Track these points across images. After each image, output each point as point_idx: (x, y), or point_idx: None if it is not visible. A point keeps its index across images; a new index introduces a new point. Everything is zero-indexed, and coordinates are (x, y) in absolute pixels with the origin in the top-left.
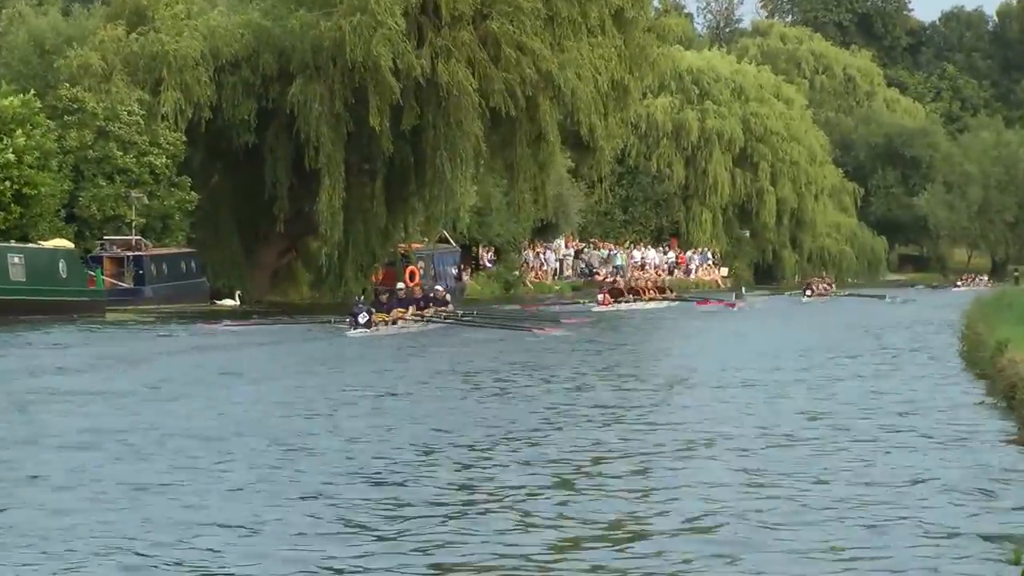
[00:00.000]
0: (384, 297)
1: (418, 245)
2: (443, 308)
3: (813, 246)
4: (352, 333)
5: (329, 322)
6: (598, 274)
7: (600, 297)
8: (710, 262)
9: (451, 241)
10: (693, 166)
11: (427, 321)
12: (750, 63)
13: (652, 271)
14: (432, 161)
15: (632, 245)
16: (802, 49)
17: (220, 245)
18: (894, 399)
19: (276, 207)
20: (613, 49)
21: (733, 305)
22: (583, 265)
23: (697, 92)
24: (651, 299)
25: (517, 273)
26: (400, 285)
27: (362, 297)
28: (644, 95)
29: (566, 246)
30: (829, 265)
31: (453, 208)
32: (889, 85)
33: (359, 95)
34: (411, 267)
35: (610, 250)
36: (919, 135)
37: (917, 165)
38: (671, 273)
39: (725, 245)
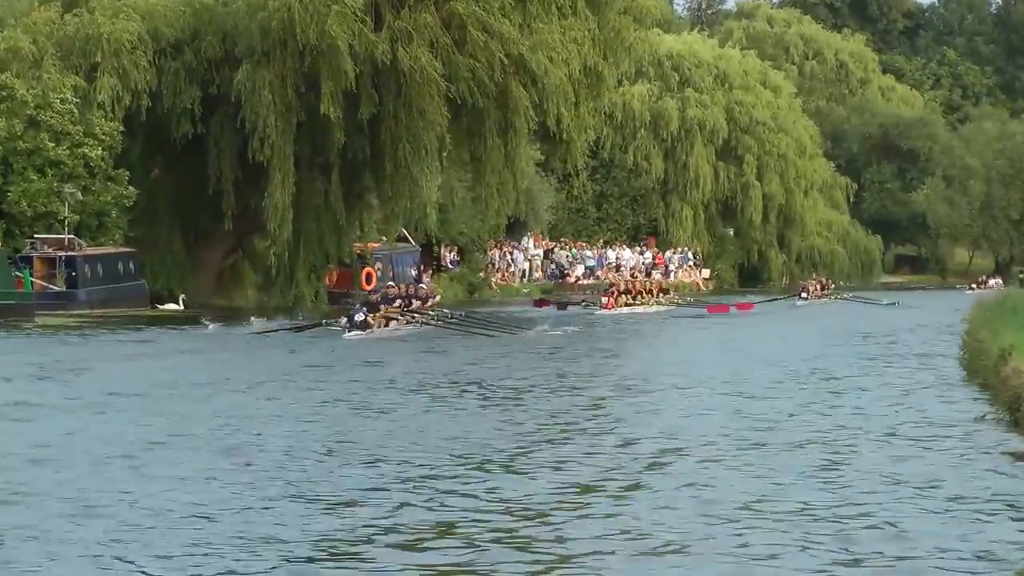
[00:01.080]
0: (375, 297)
1: (375, 245)
2: (430, 306)
3: (802, 246)
4: (348, 336)
5: (320, 323)
6: (569, 276)
7: (604, 300)
8: (691, 263)
9: (411, 240)
10: (672, 159)
11: (421, 323)
12: (734, 47)
13: (627, 272)
14: (392, 153)
15: (606, 244)
16: (791, 33)
17: (160, 244)
18: (887, 414)
19: (221, 203)
20: (586, 32)
21: (750, 306)
22: (553, 266)
23: (677, 79)
24: (655, 302)
25: (482, 275)
26: (393, 287)
27: (356, 303)
28: (619, 82)
29: (535, 245)
30: (819, 266)
31: (417, 204)
32: (884, 72)
33: (311, 81)
34: (368, 268)
35: (580, 249)
36: (917, 126)
37: (915, 158)
38: (648, 275)
39: (707, 244)
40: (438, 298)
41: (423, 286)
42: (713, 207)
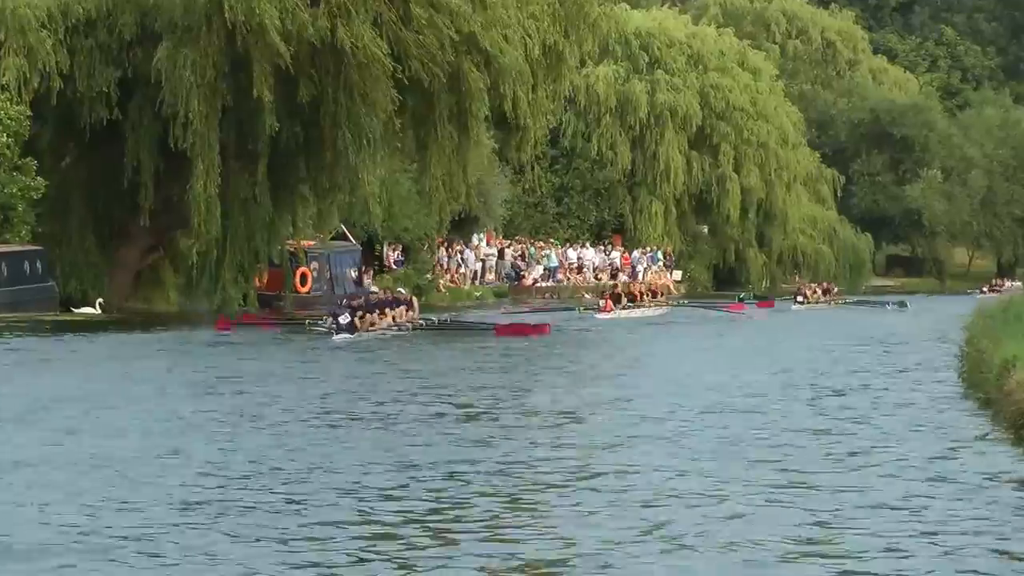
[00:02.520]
0: (357, 302)
1: (310, 243)
2: (412, 313)
3: (784, 245)
4: (338, 338)
5: (304, 324)
6: (525, 277)
7: (601, 303)
8: (661, 264)
9: (350, 237)
10: (641, 148)
11: (409, 328)
12: (709, 25)
13: (590, 274)
14: (329, 141)
15: (567, 243)
16: (772, 8)
17: (72, 242)
18: (876, 434)
19: (139, 196)
20: (545, 8)
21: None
22: (508, 267)
23: (646, 60)
24: (652, 304)
25: (429, 276)
26: (377, 292)
27: (342, 305)
28: (582, 63)
29: (488, 244)
30: (803, 267)
31: (357, 197)
32: (876, 52)
33: (240, 62)
34: (302, 268)
35: (538, 248)
36: (911, 112)
37: (909, 148)
38: (614, 277)
39: (679, 243)
40: (416, 309)
41: (401, 291)
42: (685, 202)
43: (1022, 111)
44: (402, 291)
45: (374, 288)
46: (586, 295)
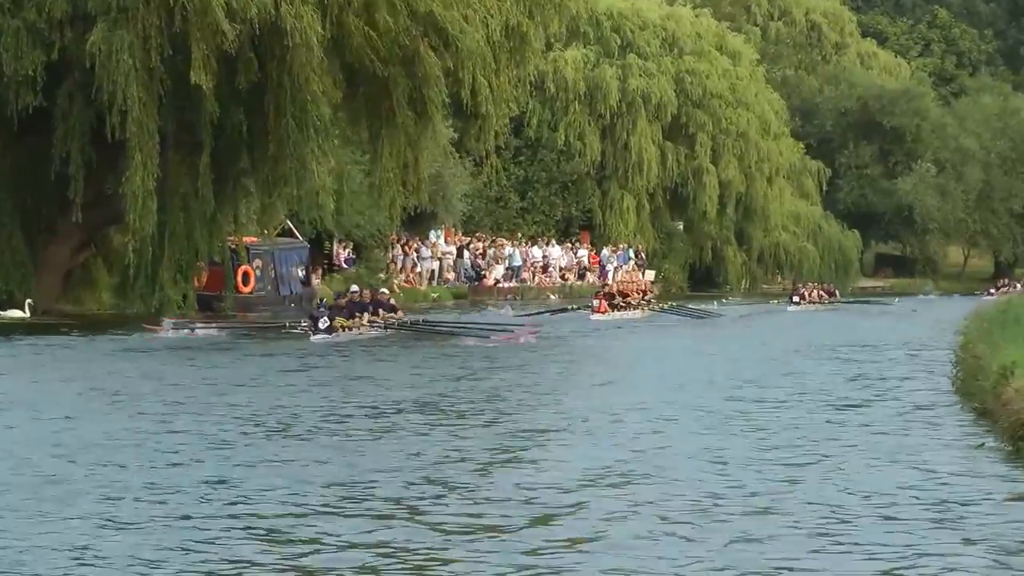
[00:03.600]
0: (342, 302)
1: (253, 239)
2: (393, 316)
3: (765, 243)
4: (315, 338)
5: (284, 326)
6: (486, 277)
7: (596, 303)
8: (632, 263)
9: (297, 234)
10: (611, 138)
11: (386, 327)
12: (686, 6)
13: (556, 274)
14: (274, 130)
15: (531, 240)
16: None
17: None
18: (862, 446)
19: (70, 190)
20: None
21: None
22: (468, 266)
23: (617, 43)
24: (639, 305)
25: (383, 276)
26: (357, 292)
27: (323, 305)
28: (548, 46)
29: (446, 241)
30: (786, 267)
31: (304, 191)
32: (864, 35)
33: (179, 45)
34: (244, 267)
35: (500, 246)
36: (902, 100)
37: (899, 139)
38: (582, 277)
39: (652, 241)
40: (400, 313)
41: (383, 291)
42: (659, 196)
43: (1021, 99)
44: (385, 291)
45: (355, 287)
46: (552, 296)
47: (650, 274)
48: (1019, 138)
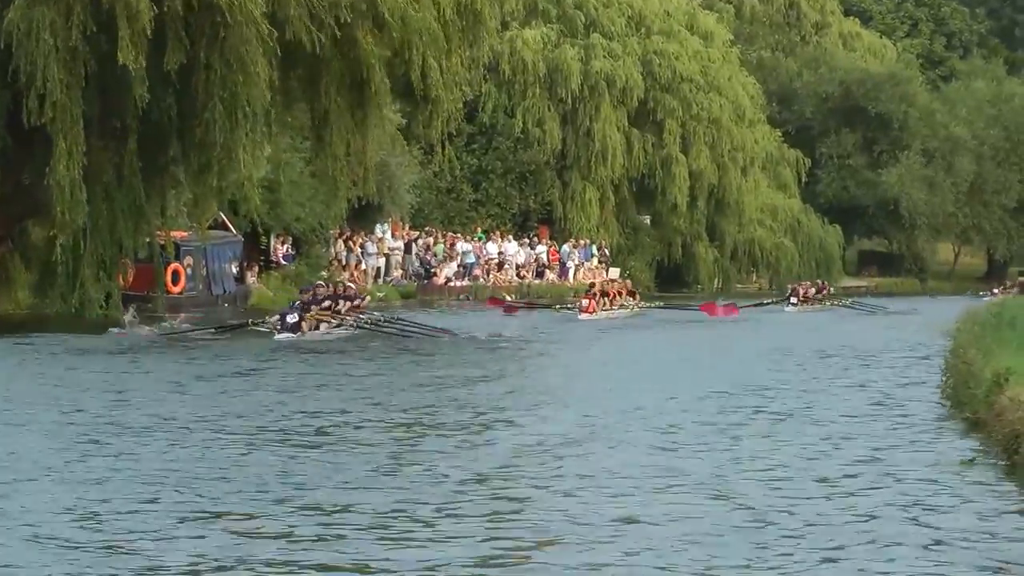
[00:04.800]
0: (306, 297)
1: (184, 234)
2: (358, 308)
3: (739, 238)
4: (279, 337)
5: (247, 324)
6: (437, 275)
7: (584, 303)
8: (595, 260)
9: (231, 227)
10: (572, 125)
11: (354, 326)
12: None
13: (513, 271)
14: (205, 115)
15: (486, 235)
16: None
17: None
18: (844, 458)
19: None
20: None
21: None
22: (417, 263)
23: (581, 21)
24: (623, 304)
25: (324, 273)
26: (323, 286)
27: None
28: (504, 25)
29: (393, 236)
30: (761, 264)
31: (238, 181)
32: (847, 14)
33: (104, 23)
34: (174, 264)
35: (445, 240)
36: (888, 84)
37: (885, 126)
38: (540, 276)
39: (616, 236)
40: (368, 299)
41: (351, 285)
42: (624, 188)
43: (1016, 84)
44: (351, 285)
45: (319, 281)
46: (507, 296)
47: (614, 272)
48: (1013, 126)
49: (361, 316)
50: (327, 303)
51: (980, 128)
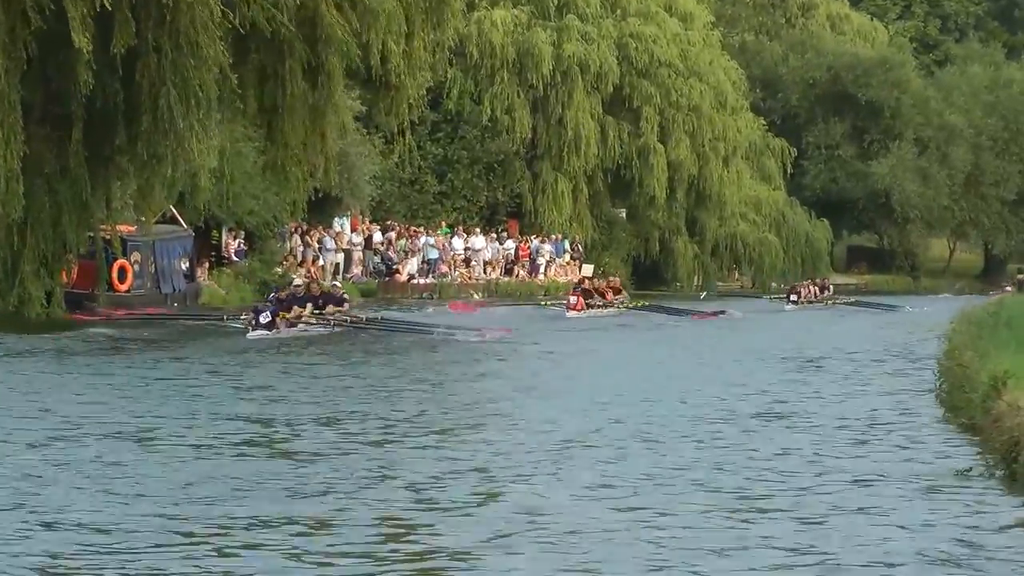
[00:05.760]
0: (283, 294)
1: (130, 228)
2: (341, 309)
3: (721, 233)
4: (251, 335)
5: (221, 319)
6: (399, 272)
7: (572, 300)
8: (567, 256)
9: (181, 221)
10: (544, 113)
11: (332, 324)
12: None
13: (480, 268)
14: (154, 101)
15: (451, 229)
16: None
17: None
18: (833, 468)
19: None
20: None
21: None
22: (378, 259)
23: (553, 2)
24: (609, 303)
25: (279, 270)
26: (301, 285)
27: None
28: (471, 5)
29: (353, 230)
30: (744, 261)
31: (188, 172)
32: None
33: (48, 4)
34: (121, 261)
35: (414, 236)
36: (879, 69)
37: (876, 114)
38: (509, 272)
39: (590, 231)
40: (348, 306)
41: (336, 285)
42: (599, 180)
43: (1015, 69)
44: (337, 284)
45: (298, 281)
46: (475, 295)
47: (587, 268)
48: (1012, 114)
49: (341, 312)
50: (309, 306)
51: (977, 116)
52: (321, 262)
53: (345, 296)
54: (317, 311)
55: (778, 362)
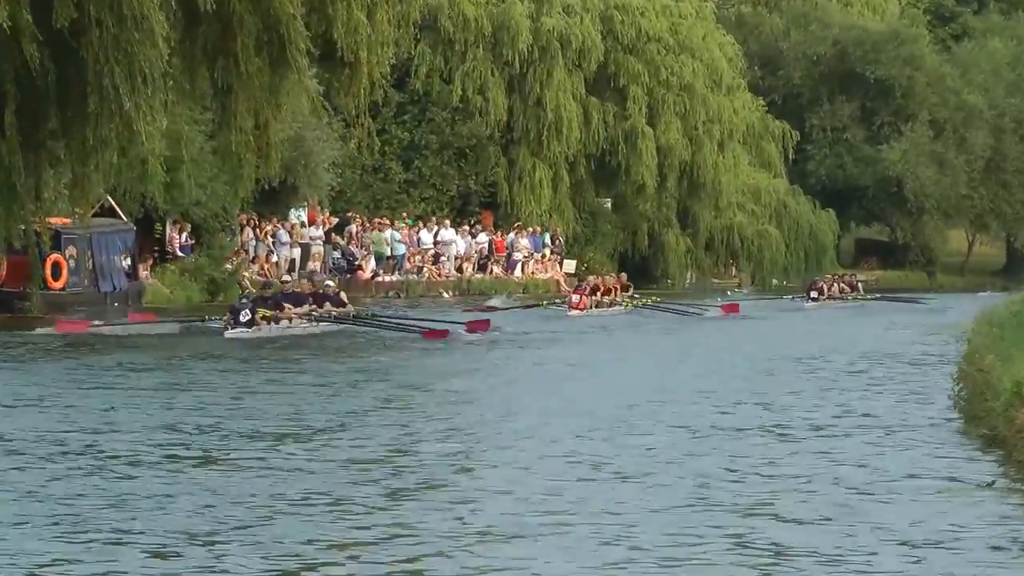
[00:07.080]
0: (268, 292)
1: (65, 221)
2: (344, 310)
3: (716, 225)
4: (230, 333)
5: (203, 319)
6: (362, 269)
7: (575, 298)
8: (547, 251)
9: (120, 213)
10: (521, 93)
11: (317, 320)
12: None
13: (451, 264)
14: (94, 80)
15: (419, 221)
16: None
17: None
18: (848, 476)
19: None
20: None
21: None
22: (338, 255)
23: None
24: (615, 301)
25: (229, 267)
26: (290, 282)
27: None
28: None
29: (311, 223)
30: (742, 255)
31: (130, 159)
32: None
33: None
34: (55, 256)
35: (378, 228)
36: (890, 45)
37: (886, 94)
38: (483, 269)
39: (572, 223)
40: (350, 307)
41: (330, 284)
42: (581, 166)
43: None
44: (330, 284)
45: (286, 278)
46: (445, 293)
47: (569, 264)
48: None
49: (333, 311)
50: (306, 306)
51: (998, 95)
52: (275, 257)
53: (343, 296)
54: (319, 310)
55: (789, 364)
